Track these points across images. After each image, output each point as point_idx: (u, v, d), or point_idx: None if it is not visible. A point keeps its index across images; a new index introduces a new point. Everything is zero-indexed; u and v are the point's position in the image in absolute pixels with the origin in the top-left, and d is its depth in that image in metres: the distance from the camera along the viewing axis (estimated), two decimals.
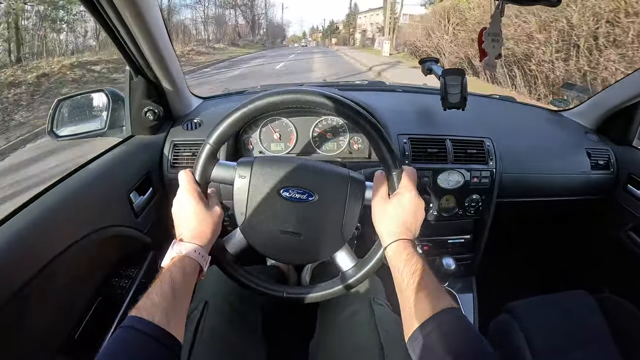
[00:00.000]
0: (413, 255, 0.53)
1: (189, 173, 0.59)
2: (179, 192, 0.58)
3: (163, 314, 0.44)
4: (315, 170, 0.63)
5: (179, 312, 0.48)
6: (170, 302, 0.46)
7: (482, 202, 1.01)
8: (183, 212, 0.57)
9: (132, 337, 0.42)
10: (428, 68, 1.08)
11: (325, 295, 0.62)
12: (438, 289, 0.49)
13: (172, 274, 0.50)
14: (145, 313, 0.44)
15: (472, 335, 0.45)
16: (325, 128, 1.02)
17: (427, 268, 0.52)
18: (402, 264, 0.52)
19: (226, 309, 0.71)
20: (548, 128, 1.22)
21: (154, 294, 0.46)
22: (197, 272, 0.54)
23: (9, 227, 0.60)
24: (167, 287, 0.47)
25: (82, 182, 0.78)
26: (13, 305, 0.54)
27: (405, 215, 0.57)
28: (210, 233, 0.57)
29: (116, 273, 0.90)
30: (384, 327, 0.67)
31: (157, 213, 0.96)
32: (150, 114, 0.96)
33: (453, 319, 0.46)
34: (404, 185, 0.58)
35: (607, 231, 1.18)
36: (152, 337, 0.42)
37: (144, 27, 0.78)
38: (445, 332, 0.44)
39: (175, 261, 0.52)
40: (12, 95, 6.92)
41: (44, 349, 0.67)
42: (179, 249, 0.54)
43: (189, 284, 0.52)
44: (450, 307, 0.47)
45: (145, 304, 0.45)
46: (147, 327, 0.43)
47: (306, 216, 0.60)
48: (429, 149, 0.97)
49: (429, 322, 0.45)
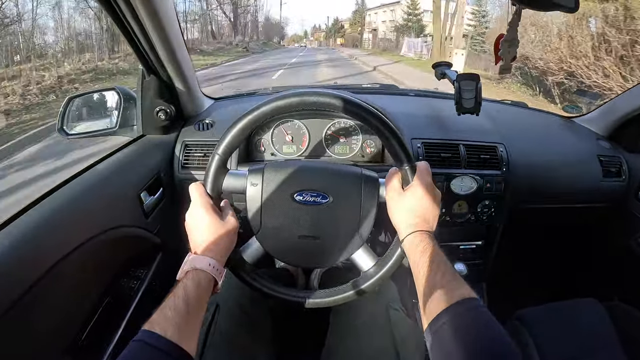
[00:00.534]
0: (430, 247, 0.52)
1: (200, 186, 0.58)
2: (192, 206, 0.57)
3: (176, 328, 0.44)
4: (328, 171, 0.62)
5: (191, 327, 0.47)
6: (183, 317, 0.46)
7: (495, 208, 1.00)
8: (196, 225, 0.56)
9: (144, 351, 0.42)
10: (441, 72, 1.07)
11: (347, 297, 0.61)
12: (455, 279, 0.48)
13: (186, 289, 0.49)
14: (158, 327, 0.43)
15: (490, 325, 0.43)
16: (338, 130, 1.01)
17: (444, 259, 0.51)
18: (419, 256, 0.52)
19: (237, 312, 0.70)
20: (560, 134, 1.21)
21: (167, 309, 0.46)
22: (211, 286, 0.53)
23: (17, 227, 0.59)
24: (181, 302, 0.47)
25: (92, 181, 0.77)
26: (20, 305, 0.54)
27: (421, 207, 0.56)
28: (225, 246, 0.56)
29: (125, 274, 0.89)
30: (400, 333, 0.67)
31: (166, 214, 0.95)
32: (162, 114, 0.95)
33: (470, 310, 0.44)
34: (418, 177, 0.57)
35: (618, 239, 1.18)
36: (164, 352, 0.42)
37: (158, 26, 0.78)
38: (460, 323, 0.43)
39: (190, 275, 0.51)
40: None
41: (50, 350, 0.66)
42: (192, 263, 0.53)
43: (203, 299, 0.51)
44: (468, 297, 0.45)
45: (158, 317, 0.45)
46: (159, 341, 0.42)
47: (322, 219, 0.60)
48: (442, 153, 0.96)
49: (444, 313, 0.44)
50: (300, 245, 0.60)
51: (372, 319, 0.70)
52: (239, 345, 0.65)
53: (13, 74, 8.72)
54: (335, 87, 1.42)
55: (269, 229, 0.60)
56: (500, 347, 0.41)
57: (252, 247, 0.63)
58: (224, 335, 0.65)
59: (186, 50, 0.93)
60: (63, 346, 0.70)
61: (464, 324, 0.43)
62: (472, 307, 0.44)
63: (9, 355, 0.55)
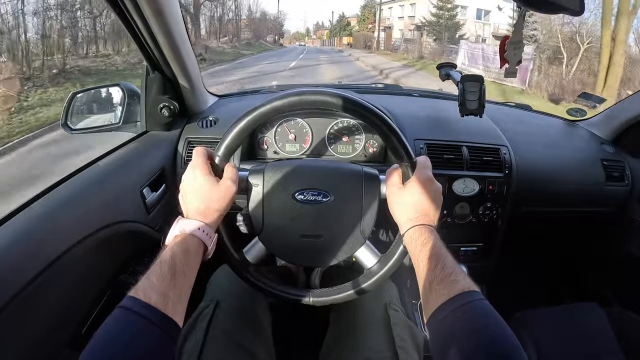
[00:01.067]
0: (430, 240, 0.51)
1: (203, 149, 0.56)
2: (189, 167, 0.55)
3: (160, 295, 0.42)
4: (328, 169, 0.62)
5: (178, 293, 0.45)
6: (168, 284, 0.44)
7: (497, 210, 1.00)
8: (189, 186, 0.54)
9: (127, 318, 0.40)
10: (446, 73, 1.07)
11: (350, 295, 0.61)
12: (456, 272, 0.47)
13: (174, 254, 0.47)
14: (142, 294, 0.42)
15: (492, 318, 0.42)
16: (341, 130, 1.01)
17: (445, 252, 0.50)
18: (419, 249, 0.51)
19: (237, 308, 0.70)
20: (564, 138, 1.21)
21: (152, 275, 0.44)
22: (201, 252, 0.51)
23: (19, 221, 0.60)
24: (166, 268, 0.45)
25: (94, 176, 0.78)
26: (21, 299, 0.54)
27: (421, 201, 0.55)
28: (217, 210, 0.54)
29: (126, 269, 0.89)
30: (398, 333, 0.67)
31: (169, 210, 0.96)
32: (165, 110, 0.95)
33: (470, 302, 0.43)
34: (418, 172, 0.57)
35: (619, 244, 1.17)
36: (147, 319, 0.40)
37: (163, 23, 0.78)
38: (461, 315, 0.42)
39: (178, 240, 0.49)
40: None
41: (51, 343, 0.67)
42: (182, 227, 0.51)
43: (192, 264, 0.49)
44: (468, 290, 0.44)
45: (143, 284, 0.43)
46: (142, 308, 0.41)
47: (324, 217, 0.59)
48: (445, 154, 0.96)
49: (445, 305, 0.44)
50: (303, 244, 0.60)
51: (372, 318, 0.70)
52: (239, 341, 0.65)
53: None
54: (339, 86, 1.41)
55: (271, 229, 0.60)
56: (502, 340, 0.40)
57: (255, 247, 0.63)
58: (224, 331, 0.65)
59: (190, 47, 0.93)
60: (64, 339, 0.70)
61: (465, 316, 0.42)
62: (472, 300, 0.43)
63: (9, 349, 0.56)
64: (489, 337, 0.40)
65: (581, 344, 1.02)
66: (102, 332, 0.40)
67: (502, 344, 0.39)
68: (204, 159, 0.55)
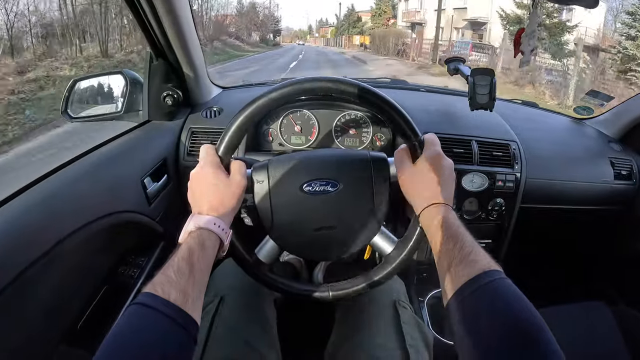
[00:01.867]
0: (446, 219, 0.49)
1: (210, 146, 0.55)
2: (198, 165, 0.54)
3: (179, 292, 0.40)
4: (334, 158, 0.60)
5: (197, 290, 0.43)
6: (187, 280, 0.42)
7: (506, 206, 0.99)
8: (201, 183, 0.53)
9: (146, 315, 0.38)
10: (454, 68, 1.06)
11: (371, 284, 0.59)
12: (475, 251, 0.45)
13: (190, 250, 0.45)
14: (161, 290, 0.39)
15: (516, 296, 0.40)
16: (348, 122, 0.99)
17: (461, 230, 0.48)
18: (435, 230, 0.49)
19: (242, 304, 0.68)
20: (572, 135, 1.20)
21: (170, 270, 0.42)
22: (217, 247, 0.50)
23: (14, 207, 0.57)
24: (184, 264, 0.43)
25: (94, 164, 0.75)
26: (14, 288, 0.51)
27: (434, 179, 0.53)
28: (230, 205, 0.53)
29: (125, 261, 0.87)
30: (408, 331, 0.64)
31: (170, 201, 0.93)
32: (169, 99, 0.93)
33: (493, 281, 0.41)
34: (427, 149, 0.56)
35: (627, 242, 1.16)
36: (168, 317, 0.38)
37: (171, 8, 0.76)
38: (484, 295, 0.40)
39: (194, 235, 0.48)
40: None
41: (46, 336, 0.64)
42: (196, 223, 0.49)
43: (209, 259, 0.48)
44: (489, 269, 0.42)
45: (160, 280, 0.41)
46: (162, 305, 0.38)
47: (335, 207, 0.57)
48: (455, 149, 0.94)
49: (466, 286, 0.41)
50: (317, 237, 0.58)
51: (380, 316, 0.67)
52: (244, 337, 0.63)
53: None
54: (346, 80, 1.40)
55: (281, 225, 0.58)
56: (528, 319, 0.38)
57: (266, 246, 0.61)
58: (228, 327, 0.63)
59: (196, 36, 0.91)
60: (59, 331, 0.68)
61: (487, 297, 0.40)
62: (494, 279, 0.41)
63: (2, 343, 0.53)
64: (512, 317, 0.38)
65: (588, 343, 1.01)
66: (118, 329, 0.37)
67: (526, 324, 0.37)
68: (213, 156, 0.54)
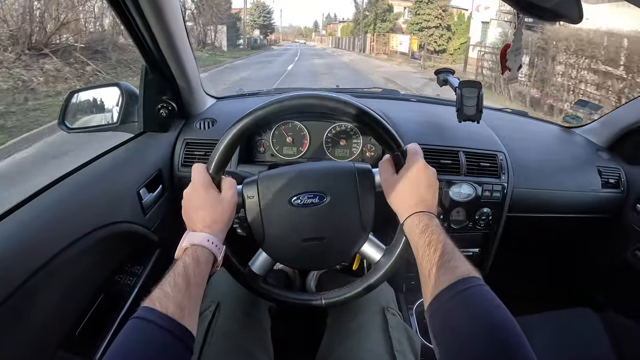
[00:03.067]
0: (428, 227, 0.51)
1: (201, 165, 0.58)
2: (191, 183, 0.57)
3: (177, 306, 0.43)
4: (321, 170, 0.63)
5: (192, 304, 0.46)
6: (184, 294, 0.44)
7: (493, 215, 1.01)
8: (193, 202, 0.55)
9: (146, 328, 0.40)
10: (444, 79, 1.08)
11: (361, 292, 0.61)
12: (455, 258, 0.46)
13: (186, 265, 0.48)
14: (159, 304, 0.42)
15: (492, 303, 0.41)
16: (338, 133, 1.01)
17: (442, 237, 0.50)
18: (418, 237, 0.51)
19: (238, 311, 0.70)
20: (560, 144, 1.22)
21: (167, 285, 0.45)
22: (211, 263, 0.52)
23: (13, 220, 0.59)
24: (181, 279, 0.46)
25: (90, 176, 0.78)
26: (15, 299, 0.53)
27: (416, 187, 0.56)
28: (223, 222, 0.55)
29: (121, 270, 0.89)
30: (396, 336, 0.67)
31: (165, 211, 0.95)
32: (163, 111, 0.95)
33: (471, 288, 0.43)
34: (410, 159, 0.58)
35: (615, 250, 1.18)
36: (166, 330, 0.41)
37: (163, 22, 0.78)
38: (461, 301, 0.42)
39: (189, 252, 0.50)
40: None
41: (44, 344, 0.66)
42: (190, 240, 0.52)
43: (203, 275, 0.50)
44: (468, 275, 0.43)
45: (158, 294, 0.43)
46: (161, 319, 0.41)
47: (323, 218, 0.60)
48: (442, 160, 0.96)
49: (445, 292, 0.43)
50: (307, 248, 0.61)
51: (369, 322, 0.69)
52: (239, 344, 0.65)
53: None
54: (337, 90, 1.42)
55: (273, 238, 0.60)
56: (502, 327, 0.39)
57: (260, 258, 0.63)
58: (224, 333, 0.65)
59: (190, 48, 0.93)
60: (57, 339, 0.69)
61: (465, 303, 0.42)
62: (472, 285, 0.43)
63: (3, 347, 0.55)
64: (489, 324, 0.40)
65: (575, 349, 1.02)
66: (119, 344, 0.40)
67: (503, 330, 0.39)
68: (204, 175, 0.56)
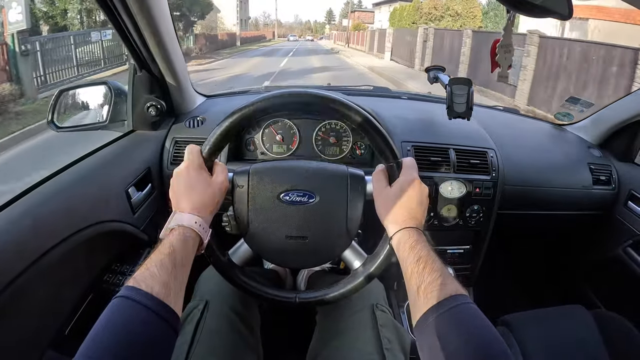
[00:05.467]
0: (417, 243, 0.51)
1: (195, 146, 0.58)
2: (182, 164, 0.57)
3: (162, 286, 0.42)
4: (314, 170, 0.62)
5: (178, 284, 0.45)
6: (170, 275, 0.44)
7: (483, 213, 1.01)
8: (183, 182, 0.55)
9: (130, 307, 0.40)
10: (434, 76, 1.08)
11: (336, 296, 0.61)
12: (443, 275, 0.47)
13: (173, 246, 0.47)
14: (144, 284, 0.41)
15: (479, 322, 0.42)
16: (328, 131, 1.01)
17: (432, 254, 0.50)
18: (407, 253, 0.51)
19: (226, 309, 0.70)
20: (551, 141, 1.22)
21: (152, 265, 0.44)
22: (197, 245, 0.52)
23: (3, 218, 0.59)
24: (167, 259, 0.45)
25: (79, 175, 0.77)
26: (3, 298, 0.53)
27: (409, 203, 0.56)
28: (211, 204, 0.55)
29: (110, 269, 0.89)
30: (385, 334, 0.66)
31: (154, 210, 0.95)
32: (152, 109, 0.95)
33: (458, 305, 0.43)
34: (404, 173, 0.57)
35: (606, 247, 1.18)
36: (151, 310, 0.40)
37: (151, 20, 0.78)
38: (449, 319, 0.42)
39: (175, 233, 0.50)
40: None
41: (33, 343, 0.66)
42: (178, 220, 0.51)
43: (189, 257, 0.50)
44: (456, 293, 0.44)
45: (143, 274, 0.43)
46: (146, 298, 0.40)
47: (309, 218, 0.60)
48: (432, 157, 0.96)
49: (433, 309, 0.44)
50: (288, 245, 0.60)
51: (358, 320, 0.69)
52: (227, 343, 0.65)
53: None
54: (328, 87, 1.41)
55: (256, 230, 0.60)
56: (490, 344, 0.40)
57: (240, 249, 0.63)
58: (212, 332, 0.65)
59: (178, 46, 0.92)
60: (46, 338, 0.69)
61: (453, 320, 0.42)
62: (460, 304, 0.43)
63: None
64: (477, 342, 0.40)
65: (567, 346, 1.02)
66: (103, 322, 0.39)
67: (490, 349, 0.39)
68: (198, 156, 0.56)
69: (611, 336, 1.04)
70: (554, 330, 1.02)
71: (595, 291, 1.26)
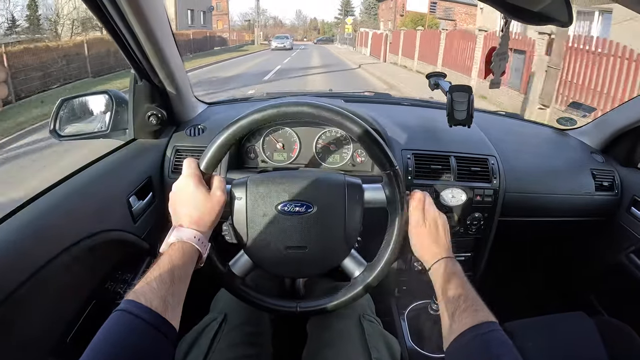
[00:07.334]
0: (454, 274, 0.58)
1: (193, 160, 0.58)
2: (180, 178, 0.57)
3: (161, 300, 0.44)
4: (311, 180, 0.63)
5: (176, 299, 0.47)
6: (168, 289, 0.45)
7: (485, 220, 1.00)
8: (182, 197, 0.56)
9: (130, 321, 0.41)
10: (435, 83, 1.07)
11: (337, 304, 0.63)
12: (476, 303, 0.52)
13: (172, 261, 0.49)
14: (144, 298, 0.43)
15: (507, 347, 0.46)
16: (329, 139, 1.01)
17: (467, 284, 0.56)
18: (445, 282, 0.57)
19: (243, 323, 0.71)
20: (553, 147, 1.21)
21: (152, 280, 0.45)
22: (195, 259, 0.53)
23: (3, 229, 0.59)
24: (166, 274, 0.47)
25: (81, 184, 0.78)
26: (5, 307, 0.54)
27: (439, 236, 0.62)
28: (210, 219, 0.56)
29: (112, 277, 0.89)
30: (373, 344, 0.68)
31: (155, 218, 0.95)
32: (153, 118, 0.95)
33: (490, 332, 0.48)
34: (428, 210, 0.63)
35: (609, 253, 1.17)
36: (150, 324, 0.41)
37: (149, 30, 0.78)
38: (481, 342, 0.47)
39: (175, 247, 0.51)
40: None
41: (35, 351, 0.67)
42: (178, 235, 0.52)
43: (188, 271, 0.51)
44: (487, 320, 0.49)
45: (143, 288, 0.44)
46: (145, 312, 0.42)
47: (308, 228, 0.60)
48: (432, 165, 0.96)
49: (468, 332, 0.48)
50: (289, 256, 0.61)
51: (347, 330, 0.71)
52: (240, 356, 0.66)
53: None
54: (329, 94, 1.41)
55: (256, 241, 0.61)
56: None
57: (241, 259, 0.64)
58: (228, 344, 0.66)
59: (178, 55, 0.93)
60: (48, 347, 0.70)
61: (484, 344, 0.47)
62: (491, 330, 0.48)
63: None
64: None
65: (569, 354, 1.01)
66: (103, 334, 0.40)
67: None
68: (196, 170, 0.57)
69: (614, 343, 1.03)
70: (556, 338, 1.02)
71: (598, 298, 1.25)
